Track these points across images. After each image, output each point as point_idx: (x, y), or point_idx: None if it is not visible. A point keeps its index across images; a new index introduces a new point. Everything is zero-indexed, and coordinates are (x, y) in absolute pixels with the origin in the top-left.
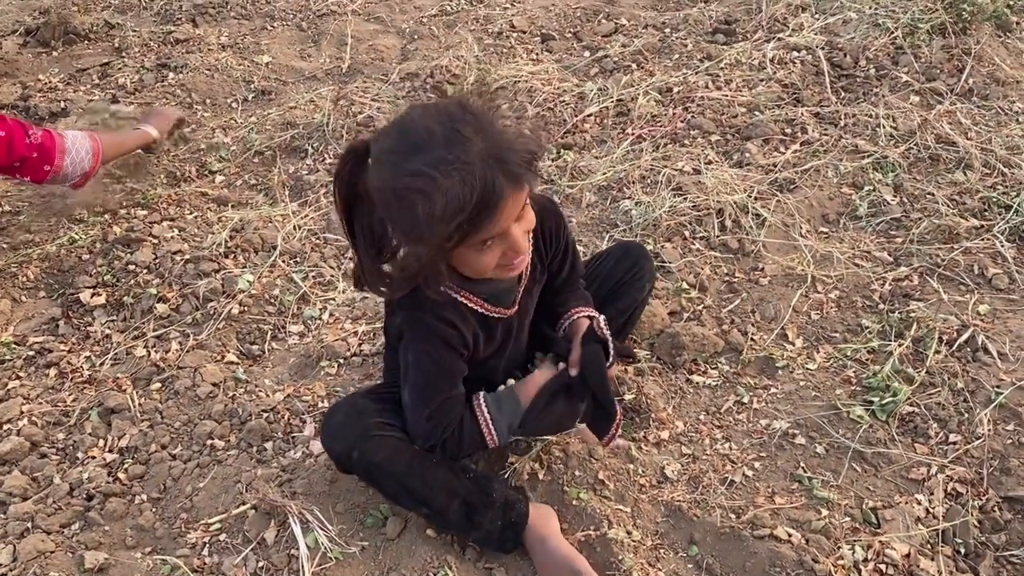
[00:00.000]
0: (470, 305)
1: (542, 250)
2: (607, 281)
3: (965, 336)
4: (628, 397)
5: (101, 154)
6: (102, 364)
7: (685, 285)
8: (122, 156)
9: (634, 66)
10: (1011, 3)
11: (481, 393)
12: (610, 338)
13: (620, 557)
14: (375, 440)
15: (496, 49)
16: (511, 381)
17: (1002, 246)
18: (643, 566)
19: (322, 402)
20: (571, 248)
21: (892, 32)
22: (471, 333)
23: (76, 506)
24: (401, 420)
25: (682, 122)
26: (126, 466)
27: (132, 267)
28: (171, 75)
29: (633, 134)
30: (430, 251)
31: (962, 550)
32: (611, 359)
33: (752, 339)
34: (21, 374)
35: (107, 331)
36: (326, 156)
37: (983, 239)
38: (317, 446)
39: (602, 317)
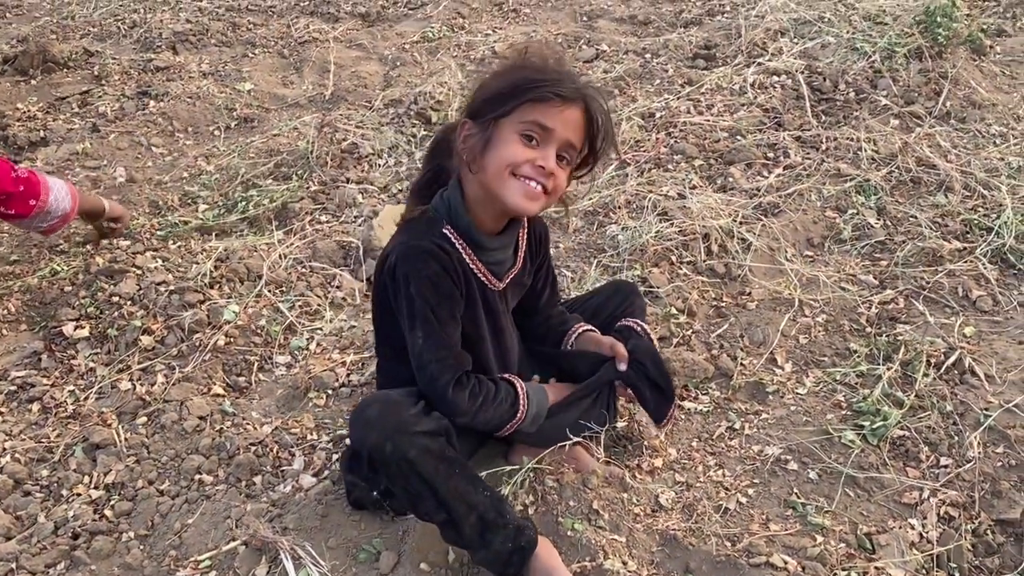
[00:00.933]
0: (464, 256)
1: (534, 248)
2: (597, 315)
3: (952, 359)
4: (620, 425)
5: (78, 199)
6: (86, 398)
7: (674, 310)
8: (82, 212)
9: (616, 91)
10: (984, 27)
11: None
12: (649, 333)
13: None
14: (409, 436)
15: (479, 75)
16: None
17: (985, 268)
18: None
19: (311, 434)
20: (551, 266)
21: (870, 56)
22: (461, 272)
23: (62, 545)
24: (431, 420)
25: (665, 147)
26: (112, 503)
27: (116, 299)
28: (152, 103)
29: (617, 159)
30: (502, 89)
31: (957, 575)
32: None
33: (742, 364)
34: (3, 409)
35: (91, 364)
36: (311, 183)
37: (966, 261)
38: (307, 480)
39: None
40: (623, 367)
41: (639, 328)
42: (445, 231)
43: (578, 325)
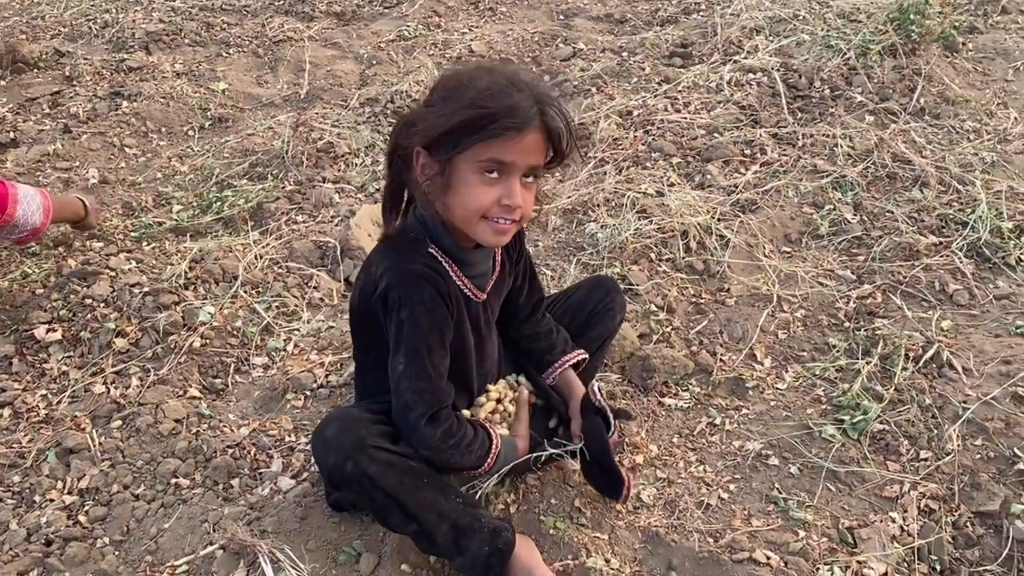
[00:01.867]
0: (451, 274)
1: (511, 250)
2: (579, 312)
3: (930, 353)
4: None
5: (51, 212)
6: (59, 402)
7: (653, 307)
8: (58, 221)
9: (594, 90)
10: (956, 24)
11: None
12: (607, 407)
13: None
14: (369, 452)
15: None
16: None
17: (961, 262)
18: None
19: (289, 436)
20: (528, 262)
21: (845, 53)
22: (454, 294)
23: (35, 552)
24: (393, 434)
25: (643, 145)
26: (87, 508)
27: (89, 301)
28: (125, 104)
29: (596, 157)
30: (451, 129)
31: (937, 567)
32: (612, 430)
33: (721, 360)
34: None
35: (64, 368)
36: (286, 183)
37: (942, 256)
38: (285, 482)
39: (597, 386)
40: (578, 444)
41: (596, 401)
42: (431, 251)
43: (563, 359)
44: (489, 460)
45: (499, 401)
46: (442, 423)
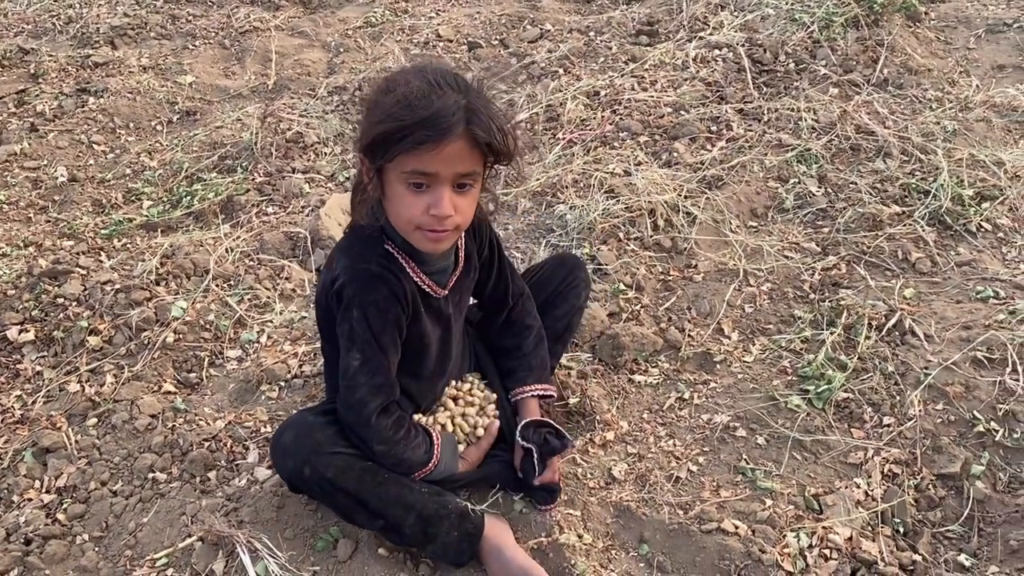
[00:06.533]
0: (407, 269)
1: (475, 240)
2: (543, 290)
3: (893, 321)
4: (572, 401)
5: None
6: (34, 402)
7: (622, 286)
8: None
9: (561, 71)
10: None
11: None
12: (544, 439)
13: (573, 562)
14: (326, 456)
15: (423, 59)
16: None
17: (923, 230)
18: (596, 569)
19: (264, 427)
20: (496, 255)
21: (809, 26)
22: (409, 293)
23: (14, 552)
24: (349, 442)
25: (611, 125)
26: (65, 506)
27: (61, 300)
28: (92, 100)
29: (564, 139)
30: (373, 140)
31: (901, 529)
32: (558, 447)
33: (690, 335)
34: None
35: (38, 368)
36: (256, 175)
37: (905, 225)
38: (262, 472)
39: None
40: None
41: (532, 439)
42: (387, 248)
43: (524, 387)
44: (435, 452)
45: (459, 402)
46: (392, 414)
